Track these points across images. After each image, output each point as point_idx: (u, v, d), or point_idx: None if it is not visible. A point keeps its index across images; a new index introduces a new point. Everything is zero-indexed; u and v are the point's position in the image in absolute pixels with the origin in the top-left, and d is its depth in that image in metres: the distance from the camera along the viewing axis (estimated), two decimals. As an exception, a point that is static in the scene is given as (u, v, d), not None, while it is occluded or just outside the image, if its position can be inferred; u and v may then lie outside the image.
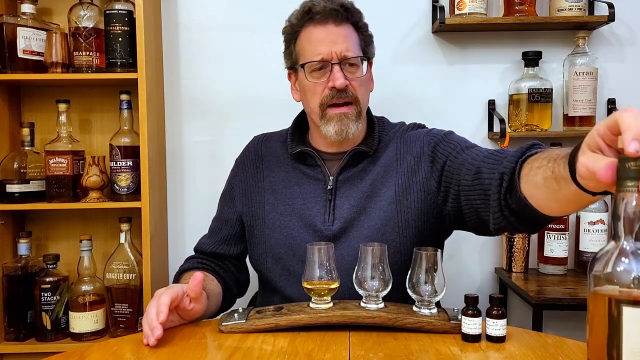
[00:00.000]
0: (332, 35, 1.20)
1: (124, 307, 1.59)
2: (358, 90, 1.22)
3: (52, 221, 1.77)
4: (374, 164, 1.25)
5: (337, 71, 1.18)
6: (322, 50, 1.19)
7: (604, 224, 1.62)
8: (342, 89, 1.18)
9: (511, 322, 1.09)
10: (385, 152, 1.27)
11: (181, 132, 1.80)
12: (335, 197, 1.24)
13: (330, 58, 1.19)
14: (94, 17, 1.61)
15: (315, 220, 1.23)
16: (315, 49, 1.20)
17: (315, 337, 1.01)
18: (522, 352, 0.95)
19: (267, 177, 1.31)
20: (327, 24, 1.20)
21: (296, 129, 1.34)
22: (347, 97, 1.20)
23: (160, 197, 1.73)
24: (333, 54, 1.19)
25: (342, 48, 1.19)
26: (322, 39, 1.20)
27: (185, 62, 1.78)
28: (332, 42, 1.19)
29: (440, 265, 1.03)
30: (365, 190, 1.23)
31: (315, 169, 1.27)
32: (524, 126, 1.65)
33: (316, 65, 1.21)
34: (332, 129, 1.21)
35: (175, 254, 1.80)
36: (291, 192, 1.27)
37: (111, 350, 0.98)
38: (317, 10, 1.20)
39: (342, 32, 1.21)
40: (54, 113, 1.64)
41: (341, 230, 1.22)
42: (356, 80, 1.21)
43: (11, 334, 1.61)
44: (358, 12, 1.25)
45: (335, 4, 1.20)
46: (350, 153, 1.24)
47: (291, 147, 1.29)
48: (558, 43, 1.74)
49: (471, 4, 1.62)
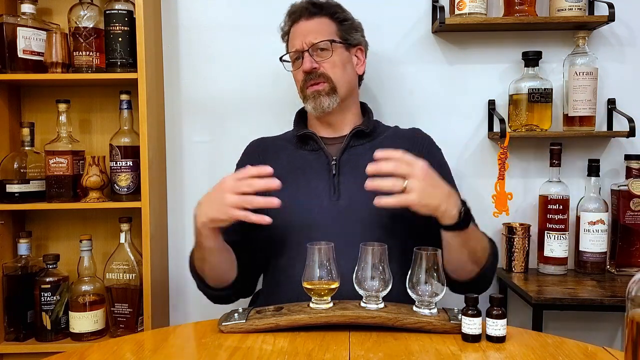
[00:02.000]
0: (303, 28, 1.39)
1: (124, 307, 1.59)
2: (330, 70, 1.35)
3: (52, 221, 1.77)
4: (373, 145, 1.33)
5: (306, 57, 1.35)
6: (295, 43, 1.38)
7: (604, 224, 1.62)
8: (308, 71, 1.35)
9: (511, 322, 1.09)
10: (382, 136, 1.39)
11: (181, 132, 1.80)
12: (339, 175, 1.31)
13: (300, 46, 1.36)
14: (94, 17, 1.60)
15: (322, 197, 1.28)
16: (291, 44, 1.41)
17: (315, 337, 1.01)
18: (522, 352, 0.95)
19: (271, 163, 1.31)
20: (300, 21, 1.40)
21: (300, 118, 1.46)
22: (318, 78, 1.35)
23: (160, 197, 1.73)
24: (303, 44, 1.36)
25: (310, 37, 1.36)
26: (297, 34, 1.39)
27: (185, 62, 1.78)
28: (303, 34, 1.37)
29: (440, 265, 1.03)
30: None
31: (318, 152, 1.36)
32: (524, 126, 1.65)
33: (293, 56, 1.40)
34: (310, 106, 1.36)
35: (175, 254, 1.80)
36: (294, 175, 1.32)
37: (111, 350, 0.98)
38: (292, 11, 1.42)
39: (312, 24, 1.38)
40: (54, 113, 1.64)
41: (348, 205, 1.27)
42: (327, 62, 1.35)
43: (11, 334, 1.61)
44: (333, 6, 1.42)
45: (305, 2, 1.41)
46: (352, 132, 1.36)
47: (297, 130, 1.41)
48: (558, 43, 1.74)
49: (471, 4, 1.62)
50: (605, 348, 0.99)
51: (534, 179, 1.76)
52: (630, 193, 1.60)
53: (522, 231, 1.67)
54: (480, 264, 1.22)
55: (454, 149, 1.74)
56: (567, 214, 1.64)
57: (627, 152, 1.70)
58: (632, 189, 1.60)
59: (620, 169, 1.72)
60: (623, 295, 1.15)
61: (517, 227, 1.68)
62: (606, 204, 1.64)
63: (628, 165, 1.65)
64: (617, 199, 1.64)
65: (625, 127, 1.66)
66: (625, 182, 1.63)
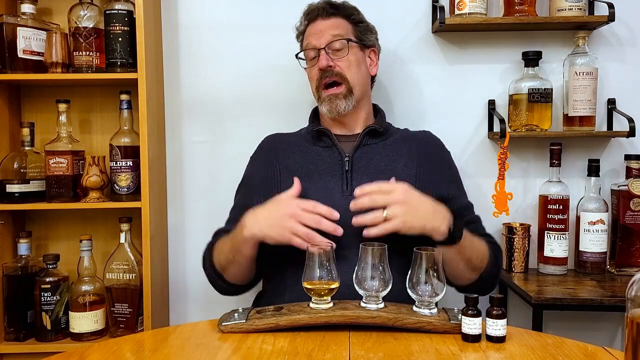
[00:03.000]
0: (320, 27, 1.41)
1: (124, 307, 1.59)
2: (346, 70, 1.37)
3: (52, 221, 1.77)
4: (385, 145, 1.38)
5: (322, 54, 1.37)
6: (312, 41, 1.41)
7: (604, 224, 1.62)
8: (324, 68, 1.36)
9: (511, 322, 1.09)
10: (394, 136, 1.42)
11: (181, 132, 1.79)
12: (352, 172, 1.32)
13: (316, 44, 1.39)
14: (94, 17, 1.60)
15: (334, 192, 1.29)
16: (307, 42, 1.43)
17: (315, 337, 1.01)
18: (522, 352, 0.95)
19: (282, 162, 1.38)
20: (315, 19, 1.42)
21: (315, 115, 1.48)
22: (334, 75, 1.37)
23: (160, 197, 1.73)
24: (319, 42, 1.38)
25: (327, 36, 1.38)
26: (313, 32, 1.42)
27: (185, 62, 1.78)
28: (320, 32, 1.40)
29: (440, 265, 1.03)
30: (381, 167, 1.33)
31: (331, 149, 1.38)
32: (524, 126, 1.65)
33: (309, 55, 1.42)
34: (325, 109, 1.38)
35: (175, 254, 1.80)
36: (307, 170, 1.34)
37: (111, 350, 0.98)
38: (310, 10, 1.45)
39: (329, 23, 1.40)
40: (54, 113, 1.64)
41: None
42: (342, 61, 1.37)
43: (11, 334, 1.61)
44: (349, 8, 1.45)
45: (323, 3, 1.44)
46: (365, 130, 1.38)
47: (311, 126, 1.43)
48: (558, 43, 1.74)
49: (471, 4, 1.62)
50: (605, 348, 0.99)
51: (534, 179, 1.76)
52: (630, 193, 1.60)
53: (522, 231, 1.67)
54: (479, 270, 1.24)
55: (454, 148, 1.72)
56: (567, 214, 1.64)
57: (627, 152, 1.70)
58: (632, 189, 1.60)
59: (620, 169, 1.72)
60: (623, 295, 1.15)
61: (517, 227, 1.68)
62: (606, 204, 1.64)
63: (628, 165, 1.65)
64: (617, 199, 1.64)
65: (625, 127, 1.66)
66: (625, 182, 1.63)
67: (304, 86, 1.49)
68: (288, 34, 1.53)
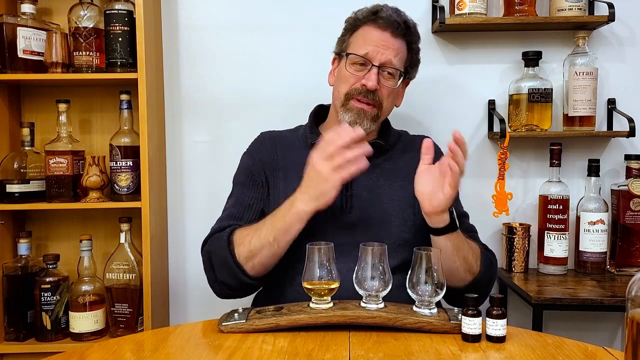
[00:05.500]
0: (385, 41, 1.31)
1: (124, 307, 1.59)
2: (385, 98, 1.32)
3: (52, 221, 1.77)
4: (389, 159, 1.36)
5: (374, 73, 1.29)
6: (370, 49, 1.30)
7: (604, 224, 1.62)
8: (371, 90, 1.28)
9: (511, 322, 1.09)
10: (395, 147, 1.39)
11: (181, 132, 1.80)
12: (351, 187, 1.29)
13: (374, 58, 1.29)
14: (94, 17, 1.60)
15: (334, 208, 1.24)
16: (365, 45, 1.31)
17: (315, 337, 1.01)
18: (522, 352, 0.95)
19: (281, 160, 1.36)
20: (385, 30, 1.31)
21: (313, 122, 1.41)
22: (373, 100, 1.29)
23: (160, 197, 1.73)
24: (378, 56, 1.29)
25: (388, 55, 1.30)
26: (375, 40, 1.31)
27: (185, 62, 1.78)
28: (383, 47, 1.30)
29: (440, 265, 1.03)
30: (381, 182, 1.31)
31: None
32: (524, 126, 1.65)
33: (359, 60, 1.31)
34: (347, 118, 1.30)
35: (175, 254, 1.80)
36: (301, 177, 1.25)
37: (111, 350, 0.98)
38: (383, 15, 1.32)
39: (395, 43, 1.32)
40: (54, 113, 1.64)
41: (360, 217, 1.27)
42: (386, 89, 1.31)
43: (11, 334, 1.61)
44: (416, 35, 1.38)
45: (400, 18, 1.33)
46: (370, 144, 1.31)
47: (311, 138, 1.36)
48: (558, 43, 1.74)
49: (471, 4, 1.62)
50: (605, 348, 0.99)
51: (534, 179, 1.76)
52: (630, 193, 1.60)
53: (522, 231, 1.67)
54: (474, 273, 1.23)
55: (454, 149, 1.74)
56: (567, 214, 1.64)
57: (627, 152, 1.70)
58: (632, 189, 1.60)
59: (620, 169, 1.72)
60: (623, 295, 1.15)
61: (517, 227, 1.68)
62: (606, 204, 1.64)
63: (628, 165, 1.65)
64: (617, 199, 1.64)
65: (625, 127, 1.66)
66: (625, 182, 1.63)
67: (304, 86, 1.49)
68: (288, 34, 1.53)
